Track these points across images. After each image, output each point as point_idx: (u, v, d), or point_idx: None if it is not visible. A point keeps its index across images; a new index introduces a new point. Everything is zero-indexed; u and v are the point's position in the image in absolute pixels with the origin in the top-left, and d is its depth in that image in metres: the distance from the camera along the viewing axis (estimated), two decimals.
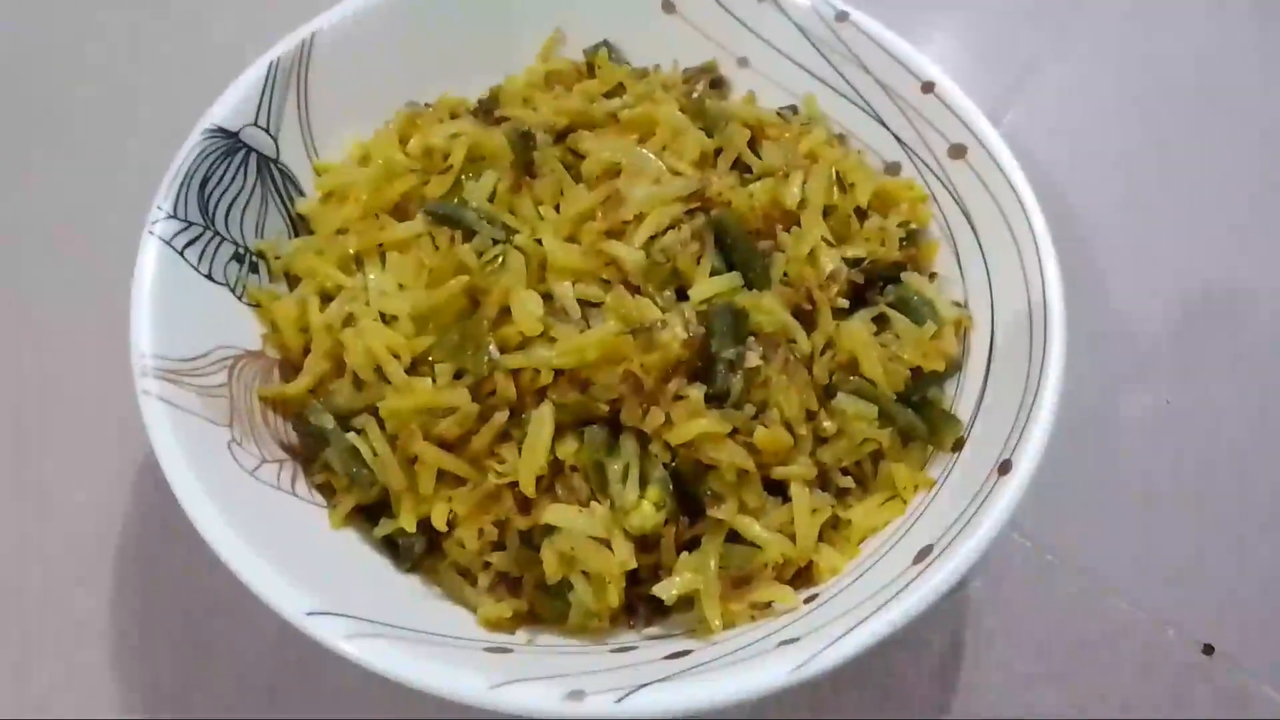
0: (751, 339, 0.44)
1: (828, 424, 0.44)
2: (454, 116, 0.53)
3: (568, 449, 0.42)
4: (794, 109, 0.57)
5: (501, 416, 0.42)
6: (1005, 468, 0.41)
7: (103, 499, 0.52)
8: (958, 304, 0.50)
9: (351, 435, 0.44)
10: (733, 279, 0.45)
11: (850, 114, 0.56)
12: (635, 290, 0.44)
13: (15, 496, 0.52)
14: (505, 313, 0.44)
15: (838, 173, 0.50)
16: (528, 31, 0.58)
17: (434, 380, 0.43)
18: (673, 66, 0.57)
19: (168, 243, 0.46)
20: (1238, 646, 0.50)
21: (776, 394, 0.43)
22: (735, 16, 0.58)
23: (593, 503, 0.41)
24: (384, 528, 0.44)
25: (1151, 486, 0.56)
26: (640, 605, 0.43)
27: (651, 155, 0.48)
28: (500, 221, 0.47)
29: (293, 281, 0.51)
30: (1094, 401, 0.58)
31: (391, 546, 0.44)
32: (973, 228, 0.51)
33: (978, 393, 0.47)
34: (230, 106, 0.50)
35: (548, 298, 0.45)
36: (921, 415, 0.46)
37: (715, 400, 0.43)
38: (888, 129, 0.55)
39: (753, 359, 0.43)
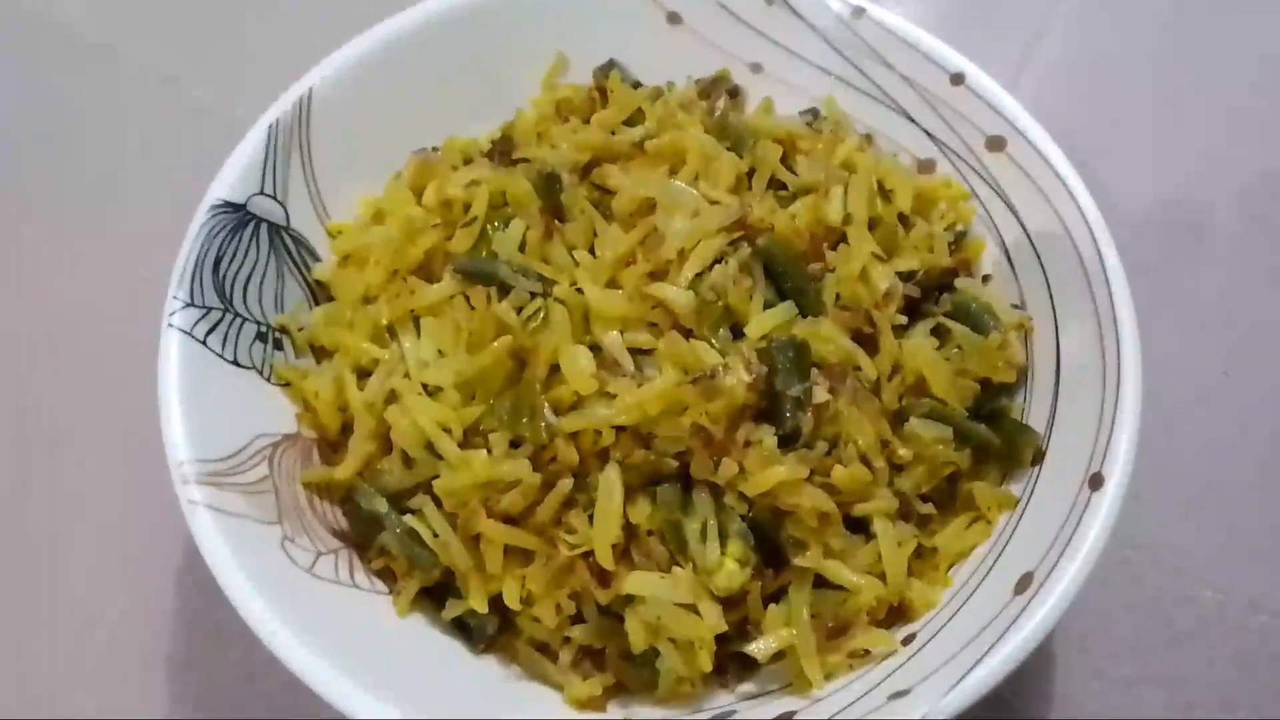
0: (815, 371, 0.42)
1: (903, 451, 0.42)
2: (467, 162, 0.50)
3: (641, 512, 0.40)
4: (815, 112, 0.55)
5: (566, 484, 0.40)
6: (1096, 482, 0.40)
7: (147, 607, 0.49)
8: (1016, 306, 0.48)
9: (408, 517, 0.42)
10: (788, 309, 0.43)
11: (875, 112, 0.54)
12: (688, 333, 0.42)
13: (55, 617, 0.50)
14: (554, 370, 0.42)
15: (879, 182, 0.48)
16: (530, 59, 0.56)
17: (489, 451, 0.41)
18: (686, 82, 0.55)
19: (189, 333, 0.43)
20: None
21: (849, 427, 0.41)
22: (744, 22, 0.55)
23: (674, 567, 0.39)
24: (452, 609, 0.42)
25: (1219, 465, 0.54)
26: (729, 662, 0.41)
27: (686, 186, 0.45)
28: (535, 273, 0.44)
29: (319, 353, 0.48)
30: (1147, 380, 0.57)
31: (463, 628, 0.42)
32: (1020, 223, 0.49)
33: (1050, 400, 0.45)
34: (235, 177, 0.47)
35: (595, 349, 0.43)
36: (995, 429, 0.44)
37: (785, 441, 0.41)
38: (917, 125, 0.53)
39: (820, 394, 0.41)
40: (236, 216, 0.47)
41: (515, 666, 0.42)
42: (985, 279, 0.49)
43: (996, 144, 0.50)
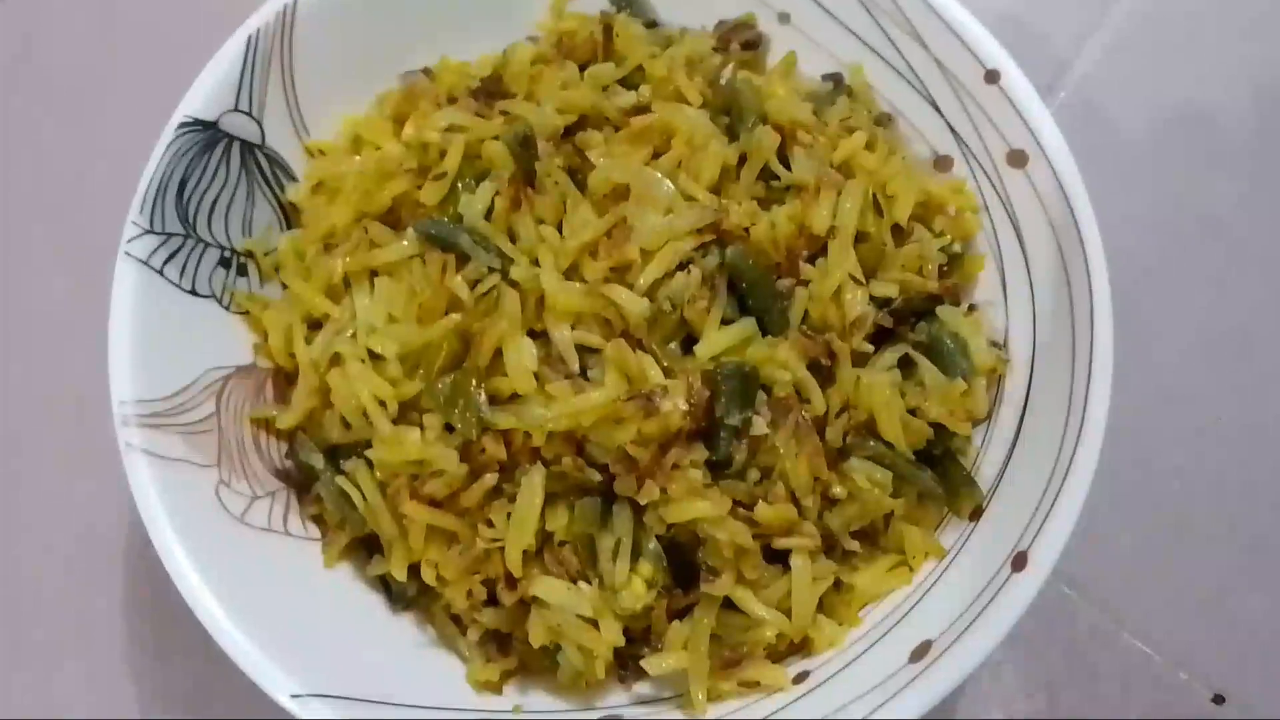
0: (763, 394, 0.41)
1: (838, 489, 0.42)
2: (452, 100, 0.48)
3: (559, 521, 0.40)
4: (839, 78, 0.50)
5: (490, 479, 0.41)
6: (1020, 562, 0.39)
7: (110, 494, 0.51)
8: (995, 344, 0.45)
9: (340, 479, 0.43)
10: (745, 328, 0.42)
11: (901, 92, 0.49)
12: (638, 342, 0.41)
13: (19, 490, 0.52)
14: (499, 354, 0.42)
15: (874, 193, 0.44)
16: None
17: (423, 430, 0.41)
18: (702, 30, 0.50)
19: (145, 263, 0.43)
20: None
21: (783, 463, 0.41)
22: None
23: (581, 582, 0.40)
24: (377, 566, 0.43)
25: (1187, 511, 0.53)
26: (630, 660, 0.43)
27: (664, 179, 0.43)
28: (496, 248, 0.43)
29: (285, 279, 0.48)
30: (1134, 411, 0.54)
31: (386, 584, 0.44)
32: (1024, 252, 0.46)
33: (1005, 452, 0.43)
34: (206, 93, 0.46)
35: (544, 335, 0.42)
36: (941, 473, 0.43)
37: (718, 465, 0.41)
38: (942, 117, 0.48)
39: (760, 425, 0.40)
40: (206, 135, 0.46)
41: (431, 630, 0.44)
42: (971, 308, 0.46)
43: (1018, 159, 0.46)
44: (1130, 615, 0.51)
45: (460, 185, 0.45)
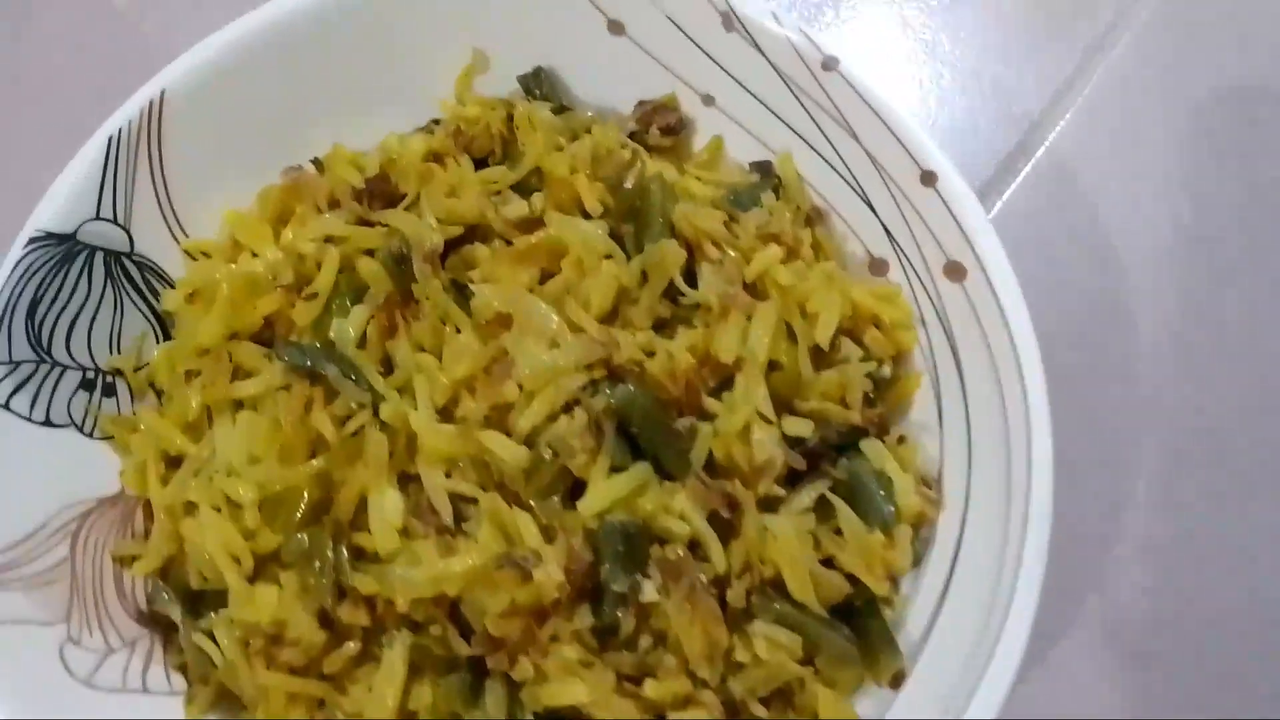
0: (657, 548, 0.37)
1: (741, 655, 0.38)
2: (333, 205, 0.43)
3: (423, 698, 0.36)
4: (768, 167, 0.46)
5: (351, 648, 0.37)
6: None
7: None
8: (926, 481, 0.41)
9: (198, 636, 0.39)
10: (636, 476, 0.37)
11: (834, 186, 0.45)
12: (516, 496, 0.37)
13: None
14: (365, 504, 0.38)
15: (793, 314, 0.40)
16: (444, 51, 0.47)
17: (281, 587, 0.38)
18: (614, 116, 0.46)
19: None
20: None
21: (677, 631, 0.36)
22: (696, 44, 0.46)
23: None
24: None
25: (1150, 638, 0.48)
26: None
27: (548, 308, 0.38)
28: (366, 381, 0.39)
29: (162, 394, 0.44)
30: (1092, 521, 0.50)
31: None
32: (960, 374, 0.41)
33: (933, 607, 0.39)
34: (60, 204, 0.42)
35: (416, 478, 0.38)
36: (860, 631, 0.39)
37: (605, 631, 0.37)
38: (876, 216, 0.44)
39: (649, 591, 0.36)
40: (62, 249, 0.42)
41: None
42: (901, 439, 0.42)
43: (955, 272, 0.41)
44: None
45: (335, 305, 0.41)
